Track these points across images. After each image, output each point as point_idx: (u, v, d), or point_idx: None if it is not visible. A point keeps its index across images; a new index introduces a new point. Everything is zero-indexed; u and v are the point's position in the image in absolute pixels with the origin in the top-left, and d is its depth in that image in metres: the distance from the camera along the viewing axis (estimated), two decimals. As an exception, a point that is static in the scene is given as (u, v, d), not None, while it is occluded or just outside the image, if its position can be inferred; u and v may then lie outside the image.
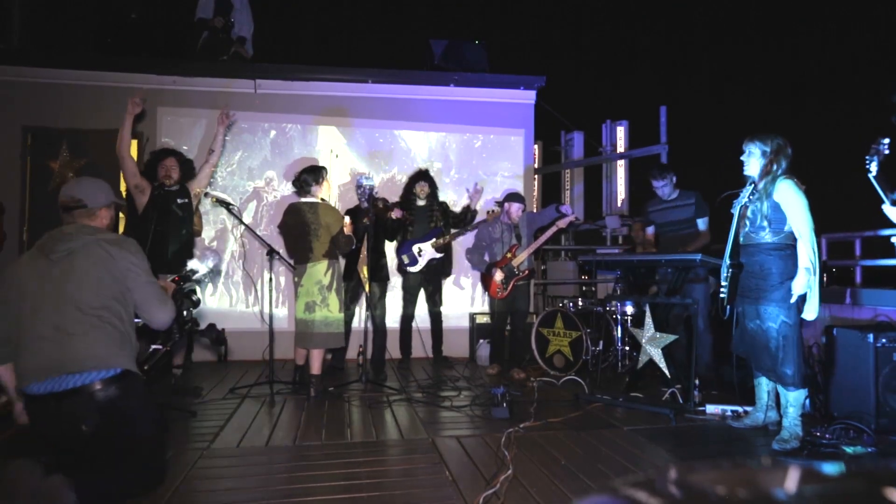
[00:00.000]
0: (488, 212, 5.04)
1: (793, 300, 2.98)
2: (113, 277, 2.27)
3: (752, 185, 3.10)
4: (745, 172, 3.18)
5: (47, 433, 2.22)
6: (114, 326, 2.25)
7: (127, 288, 2.31)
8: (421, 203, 5.10)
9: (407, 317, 5.13)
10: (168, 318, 2.44)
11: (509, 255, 4.77)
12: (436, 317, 5.17)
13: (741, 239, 3.16)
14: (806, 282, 2.94)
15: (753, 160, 3.13)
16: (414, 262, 4.99)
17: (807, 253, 2.93)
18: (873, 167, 2.55)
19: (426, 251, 4.99)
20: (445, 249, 5.08)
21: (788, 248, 3.05)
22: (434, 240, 4.99)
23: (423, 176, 5.14)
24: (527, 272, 4.82)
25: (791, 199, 2.99)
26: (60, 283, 2.21)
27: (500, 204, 5.01)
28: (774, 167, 3.05)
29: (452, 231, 5.09)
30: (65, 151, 5.35)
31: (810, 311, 2.98)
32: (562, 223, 4.72)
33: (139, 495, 2.20)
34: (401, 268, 5.07)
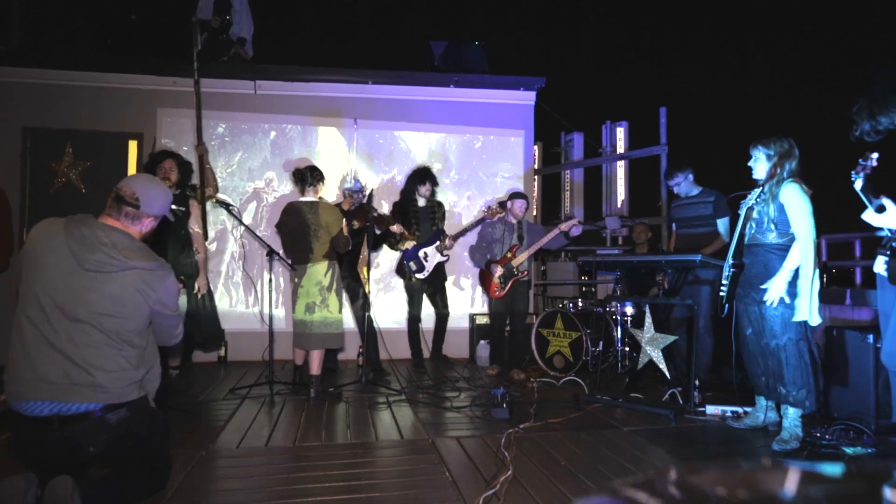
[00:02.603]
0: (487, 208, 4.97)
1: (766, 298, 2.99)
2: (141, 311, 2.13)
3: (761, 188, 3.10)
4: (754, 177, 3.19)
5: (45, 455, 2.03)
6: (134, 349, 2.13)
7: (152, 319, 2.22)
8: (421, 203, 5.02)
9: (413, 318, 5.09)
10: (178, 342, 2.39)
11: (509, 254, 4.77)
12: (442, 318, 5.12)
13: (746, 239, 3.16)
14: (785, 280, 2.97)
15: (760, 165, 3.14)
16: (421, 268, 4.91)
17: (801, 256, 2.96)
18: (858, 182, 2.56)
19: (432, 256, 4.92)
20: (449, 251, 5.04)
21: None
22: (438, 243, 4.93)
23: (427, 176, 5.00)
24: (526, 273, 4.81)
25: (795, 201, 2.99)
26: (87, 296, 2.03)
27: (503, 204, 4.97)
28: (779, 170, 3.06)
29: (455, 233, 5.05)
30: (68, 152, 5.36)
31: (813, 317, 2.98)
32: (564, 226, 4.72)
33: (143, 499, 2.19)
34: (408, 275, 4.98)
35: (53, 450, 2.02)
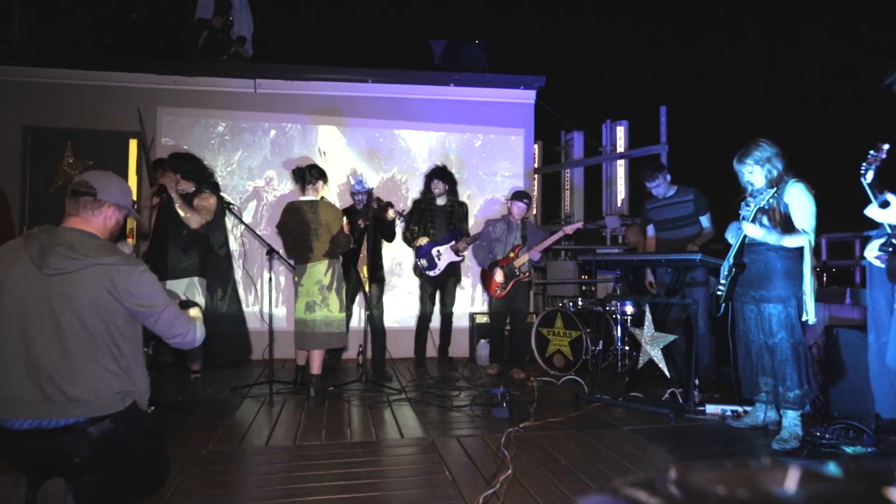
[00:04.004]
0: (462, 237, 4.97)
1: (743, 229, 3.01)
2: (115, 313, 2.03)
3: (775, 189, 3.03)
4: (756, 188, 3.11)
5: (32, 463, 2.00)
6: (113, 358, 2.03)
7: (135, 322, 2.10)
8: (440, 202, 4.98)
9: (423, 317, 5.07)
10: (193, 337, 2.20)
11: (512, 254, 4.77)
12: (446, 318, 5.10)
13: (747, 239, 3.15)
14: (765, 233, 2.98)
15: (757, 175, 3.08)
16: (432, 265, 4.88)
17: (808, 256, 2.95)
18: (869, 175, 2.54)
19: (445, 254, 4.88)
20: (464, 252, 5.00)
21: (795, 249, 3.05)
22: (453, 242, 4.90)
23: (438, 173, 4.97)
24: (527, 274, 4.80)
25: (800, 200, 2.99)
26: (55, 306, 1.95)
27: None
28: (778, 171, 3.04)
29: (472, 234, 5.00)
30: (69, 152, 5.36)
31: (810, 315, 2.99)
32: (568, 229, 4.72)
33: (140, 499, 2.17)
34: (419, 272, 4.99)
35: (38, 459, 1.99)
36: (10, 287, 1.98)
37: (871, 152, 2.52)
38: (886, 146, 2.51)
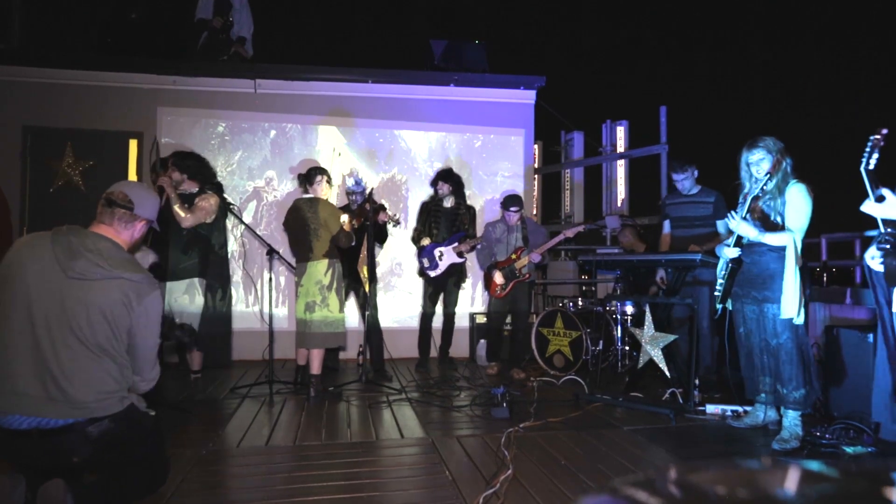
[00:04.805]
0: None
1: (732, 226, 3.03)
2: (122, 322, 2.05)
3: (767, 177, 3.01)
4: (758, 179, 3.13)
5: (30, 464, 2.00)
6: (117, 365, 2.06)
7: (129, 339, 2.12)
8: (447, 205, 5.01)
9: (427, 316, 5.09)
10: (148, 388, 2.22)
11: (514, 256, 4.77)
12: (448, 318, 5.11)
13: (745, 239, 3.14)
14: (755, 231, 2.99)
15: (764, 165, 3.07)
16: (434, 266, 4.91)
17: (787, 252, 2.97)
18: (872, 161, 2.51)
19: (447, 255, 4.91)
20: (467, 253, 5.01)
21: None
22: (456, 244, 4.91)
23: (442, 175, 5.03)
24: (528, 276, 4.80)
25: (798, 200, 2.99)
26: (68, 307, 1.97)
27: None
28: (784, 164, 3.04)
29: (476, 237, 5.01)
30: (69, 151, 5.35)
31: (799, 315, 2.99)
32: (569, 232, 4.73)
33: (140, 499, 2.17)
34: (421, 272, 5.03)
35: (36, 460, 1.99)
36: (26, 281, 1.98)
37: (871, 137, 2.51)
38: (885, 131, 2.50)
